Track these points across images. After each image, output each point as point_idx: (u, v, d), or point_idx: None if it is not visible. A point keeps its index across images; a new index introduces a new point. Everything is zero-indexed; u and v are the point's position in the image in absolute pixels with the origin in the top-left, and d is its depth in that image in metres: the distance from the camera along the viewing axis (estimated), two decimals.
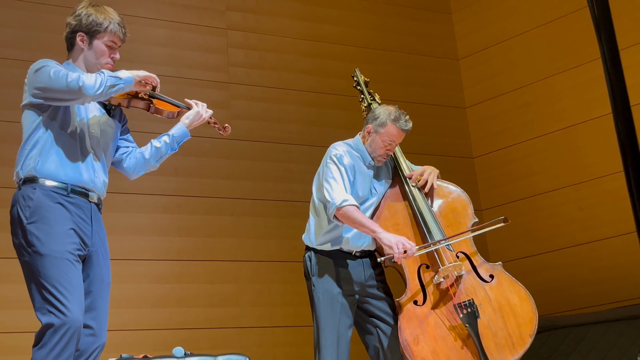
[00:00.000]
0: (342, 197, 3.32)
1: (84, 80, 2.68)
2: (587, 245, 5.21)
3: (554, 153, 5.43)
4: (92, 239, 2.80)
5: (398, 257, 3.21)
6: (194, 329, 4.70)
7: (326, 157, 3.51)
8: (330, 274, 3.43)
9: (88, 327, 2.75)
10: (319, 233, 3.48)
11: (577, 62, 5.33)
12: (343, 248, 3.45)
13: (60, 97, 2.73)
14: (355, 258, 3.47)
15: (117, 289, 3.75)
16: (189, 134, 3.06)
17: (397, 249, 3.20)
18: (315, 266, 3.47)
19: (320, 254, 3.48)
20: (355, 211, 3.32)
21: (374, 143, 3.49)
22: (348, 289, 3.42)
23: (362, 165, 3.52)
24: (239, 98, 5.23)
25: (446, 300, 3.35)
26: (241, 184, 5.09)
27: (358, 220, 3.31)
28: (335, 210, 3.31)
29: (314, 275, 3.48)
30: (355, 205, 3.33)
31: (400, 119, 3.46)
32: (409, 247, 3.22)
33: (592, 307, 5.05)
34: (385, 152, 3.50)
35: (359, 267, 3.45)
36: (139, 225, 4.74)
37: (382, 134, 3.46)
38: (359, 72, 3.94)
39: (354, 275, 3.44)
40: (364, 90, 3.88)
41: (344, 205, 3.30)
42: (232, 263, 4.92)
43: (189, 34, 5.19)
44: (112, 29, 2.88)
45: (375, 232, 3.29)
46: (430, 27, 6.05)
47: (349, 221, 3.33)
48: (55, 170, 2.76)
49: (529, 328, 3.30)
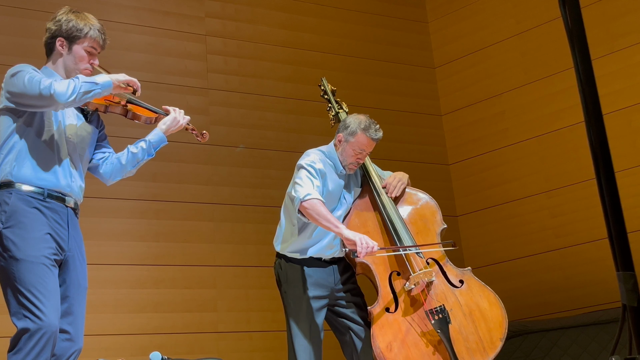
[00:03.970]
0: (307, 191, 3.29)
1: (55, 88, 2.65)
2: (559, 251, 5.24)
3: (528, 161, 5.46)
4: (68, 244, 2.78)
5: (363, 251, 3.17)
6: (172, 333, 4.66)
7: (299, 163, 3.49)
8: (300, 280, 3.43)
9: (64, 332, 2.72)
10: (287, 241, 3.47)
11: (551, 72, 5.37)
12: (312, 255, 3.44)
13: (32, 104, 2.70)
14: (326, 264, 3.47)
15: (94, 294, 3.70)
16: (165, 139, 3.04)
17: (361, 244, 3.17)
18: (285, 273, 3.47)
19: (290, 260, 3.47)
20: (320, 205, 3.26)
21: (345, 152, 3.48)
22: (318, 294, 3.42)
23: (334, 174, 3.51)
24: (217, 104, 5.21)
25: (417, 306, 3.36)
26: (219, 189, 5.06)
27: (322, 214, 3.24)
28: (299, 203, 3.28)
29: (284, 282, 3.48)
30: (321, 200, 3.29)
31: (370, 128, 3.43)
32: (371, 244, 3.19)
33: (564, 312, 5.08)
34: (355, 161, 3.49)
35: (329, 272, 3.47)
36: (117, 230, 4.69)
37: (353, 143, 3.45)
38: (325, 81, 3.95)
39: (323, 280, 3.44)
40: (331, 99, 3.89)
41: (307, 199, 3.26)
42: (210, 268, 4.89)
43: (168, 40, 5.16)
44: (92, 35, 2.87)
45: (338, 228, 3.25)
46: (407, 36, 6.08)
47: (313, 214, 3.25)
48: (32, 175, 2.73)
49: (499, 332, 3.33)
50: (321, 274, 3.44)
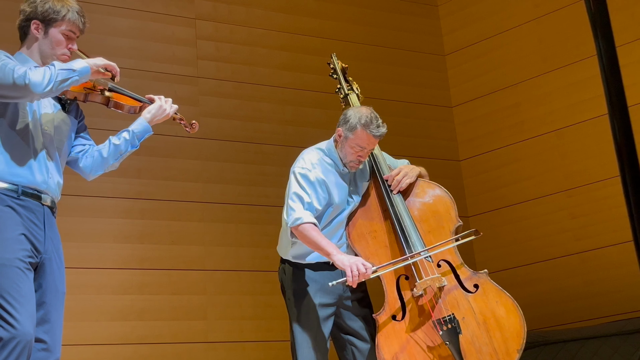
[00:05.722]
0: (296, 216, 3.32)
1: (31, 77, 2.64)
2: (579, 255, 5.23)
3: (546, 157, 5.46)
4: (44, 246, 2.77)
5: (352, 280, 3.20)
6: (158, 344, 4.67)
7: (293, 168, 3.47)
8: (305, 286, 3.43)
9: (40, 341, 2.72)
10: (289, 245, 3.47)
11: (571, 60, 5.36)
12: (319, 260, 3.44)
13: (5, 94, 2.69)
14: (334, 268, 3.45)
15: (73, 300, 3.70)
16: (150, 129, 3.04)
17: (351, 272, 3.20)
18: (289, 278, 3.47)
19: (294, 265, 3.47)
20: (311, 230, 3.31)
21: (344, 149, 3.45)
22: (325, 301, 3.42)
23: (335, 174, 3.48)
24: (208, 94, 5.20)
25: (427, 314, 3.33)
26: (210, 187, 5.06)
27: (313, 240, 3.30)
28: (290, 230, 3.34)
29: (288, 288, 3.48)
30: (312, 223, 3.32)
31: (372, 124, 3.38)
32: (363, 270, 3.21)
33: (584, 322, 5.07)
34: (356, 159, 3.45)
35: (337, 277, 3.43)
36: (98, 231, 4.68)
37: (351, 139, 3.41)
38: (335, 58, 3.86)
39: (330, 286, 3.42)
40: (341, 78, 3.80)
41: (297, 225, 3.31)
42: (199, 272, 4.89)
43: (155, 24, 5.15)
44: (70, 18, 2.86)
45: (330, 255, 3.29)
46: (415, 21, 6.07)
47: (304, 240, 3.35)
48: (4, 171, 2.73)
49: (516, 342, 3.27)
50: (328, 279, 3.39)
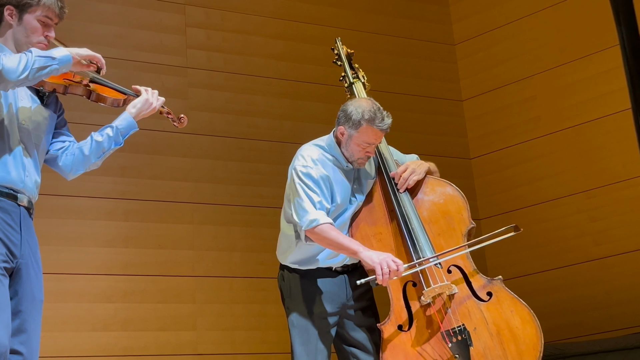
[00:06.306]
0: (311, 218, 3.29)
1: (4, 63, 2.63)
2: (600, 262, 5.23)
3: (563, 155, 5.46)
4: (21, 250, 2.76)
5: (382, 279, 3.18)
6: (143, 356, 4.66)
7: (291, 168, 3.45)
8: (306, 294, 3.41)
9: (16, 352, 2.70)
10: (288, 250, 3.45)
11: (591, 50, 5.37)
12: (320, 265, 3.42)
13: None
14: (336, 274, 3.44)
15: (51, 308, 3.69)
16: (136, 125, 3.02)
17: (381, 270, 3.17)
18: (289, 286, 3.45)
19: (294, 272, 3.45)
20: (330, 230, 3.29)
21: (349, 147, 3.45)
22: (327, 310, 3.40)
23: (337, 171, 3.47)
24: (198, 86, 5.20)
25: (435, 325, 3.32)
26: (200, 186, 5.05)
27: (334, 240, 3.28)
28: (304, 232, 3.32)
29: (287, 296, 3.47)
30: (329, 223, 3.30)
31: (376, 118, 3.38)
32: (394, 267, 3.19)
33: (605, 333, 5.08)
34: (365, 155, 3.46)
35: (340, 284, 3.43)
36: (78, 233, 4.68)
37: (357, 137, 3.41)
38: (340, 43, 3.86)
39: (333, 294, 3.42)
40: (346, 65, 3.79)
41: (313, 227, 3.28)
42: (188, 279, 4.88)
43: (141, 10, 5.16)
44: (46, 3, 2.85)
45: (357, 252, 3.27)
46: (422, 7, 6.07)
47: (323, 243, 3.32)
48: None
49: (532, 355, 3.26)
50: (331, 286, 3.40)
